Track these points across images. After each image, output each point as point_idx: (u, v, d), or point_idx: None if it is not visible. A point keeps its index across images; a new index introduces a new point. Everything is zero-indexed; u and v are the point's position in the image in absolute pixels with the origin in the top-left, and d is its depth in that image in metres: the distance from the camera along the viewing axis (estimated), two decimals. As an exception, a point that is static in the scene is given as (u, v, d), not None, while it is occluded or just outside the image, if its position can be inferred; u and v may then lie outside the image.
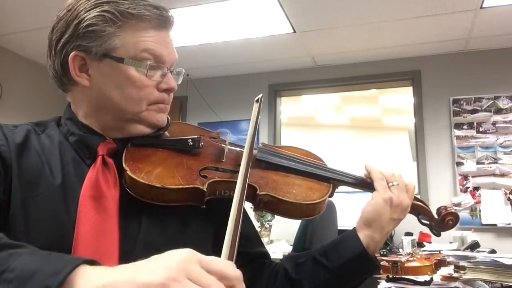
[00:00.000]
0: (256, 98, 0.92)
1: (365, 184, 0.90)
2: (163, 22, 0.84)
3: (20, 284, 0.49)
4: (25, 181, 0.74)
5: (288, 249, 3.12)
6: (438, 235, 0.95)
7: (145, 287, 0.47)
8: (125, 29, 0.80)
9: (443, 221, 0.93)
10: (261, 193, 0.81)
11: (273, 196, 0.81)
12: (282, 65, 4.26)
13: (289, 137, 4.78)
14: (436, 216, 0.94)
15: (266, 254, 0.96)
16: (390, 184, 0.86)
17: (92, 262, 0.52)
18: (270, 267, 0.93)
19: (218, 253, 0.88)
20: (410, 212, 0.90)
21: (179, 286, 0.46)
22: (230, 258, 0.60)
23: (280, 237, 3.72)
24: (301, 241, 2.39)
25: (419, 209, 0.93)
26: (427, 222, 0.94)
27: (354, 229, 0.87)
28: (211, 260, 0.51)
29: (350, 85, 4.33)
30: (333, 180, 0.90)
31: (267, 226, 3.69)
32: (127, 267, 0.51)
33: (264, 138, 4.33)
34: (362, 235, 0.85)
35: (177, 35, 3.69)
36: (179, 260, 0.49)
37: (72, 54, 0.80)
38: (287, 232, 3.44)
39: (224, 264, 0.52)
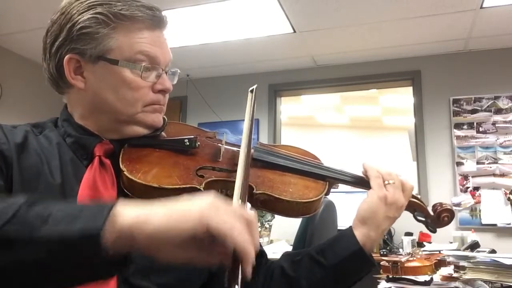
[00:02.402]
0: (251, 89, 0.93)
1: (362, 182, 0.90)
2: (156, 22, 0.84)
3: (69, 222, 0.51)
4: (26, 180, 0.75)
5: (288, 249, 3.12)
6: (434, 231, 0.95)
7: (184, 216, 0.52)
8: (118, 31, 0.81)
9: (438, 218, 0.93)
10: (257, 192, 0.81)
11: (269, 195, 0.81)
12: (282, 65, 4.26)
13: (289, 137, 4.78)
14: (431, 213, 0.94)
15: (263, 253, 0.96)
16: (386, 182, 0.87)
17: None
18: (266, 265, 0.93)
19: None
20: (405, 209, 0.90)
21: (214, 219, 0.51)
22: (242, 198, 0.66)
23: (280, 237, 3.72)
24: (301, 241, 2.38)
25: (414, 206, 0.94)
26: (423, 219, 0.94)
27: (351, 227, 0.88)
28: (233, 205, 0.57)
29: (350, 85, 4.33)
30: (329, 178, 0.90)
31: (267, 226, 3.69)
32: (162, 204, 0.54)
33: (264, 138, 4.33)
34: (358, 233, 0.85)
35: (177, 35, 3.67)
36: (210, 201, 0.54)
37: (66, 57, 0.81)
38: (287, 232, 3.44)
39: (243, 208, 0.58)
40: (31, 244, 0.51)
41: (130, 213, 0.52)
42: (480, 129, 3.74)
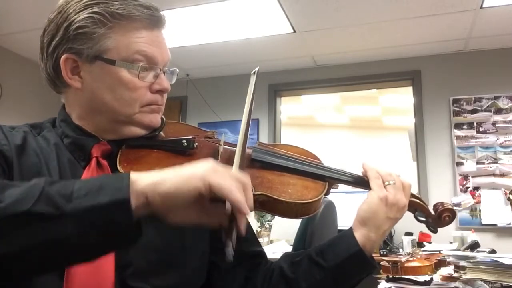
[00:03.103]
0: (253, 71, 0.92)
1: (362, 182, 0.89)
2: (154, 22, 0.83)
3: (94, 196, 0.56)
4: (26, 180, 0.74)
5: (288, 249, 3.12)
6: (434, 231, 0.94)
7: (190, 177, 0.59)
8: (115, 31, 0.80)
9: (439, 218, 0.92)
10: (256, 193, 0.79)
11: (268, 196, 0.80)
12: (282, 65, 4.26)
13: (289, 137, 4.78)
14: (432, 213, 0.93)
15: (262, 254, 0.96)
16: (386, 183, 0.85)
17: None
18: (266, 266, 0.93)
19: (216, 253, 0.88)
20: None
21: (214, 178, 0.59)
22: (241, 166, 0.72)
23: (280, 237, 3.72)
24: (301, 241, 2.38)
25: (415, 206, 0.92)
26: (424, 219, 0.93)
27: (351, 228, 0.86)
28: (229, 168, 0.64)
29: (350, 85, 4.33)
30: (328, 178, 0.89)
31: (267, 226, 3.69)
32: (169, 170, 0.61)
33: (264, 138, 4.33)
34: (358, 234, 0.84)
35: (177, 35, 3.65)
36: (209, 164, 0.61)
37: (63, 56, 0.80)
38: (287, 232, 3.44)
39: (237, 172, 0.66)
40: (61, 219, 0.54)
41: (145, 179, 0.59)
42: (480, 129, 3.74)
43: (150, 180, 0.59)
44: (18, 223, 0.54)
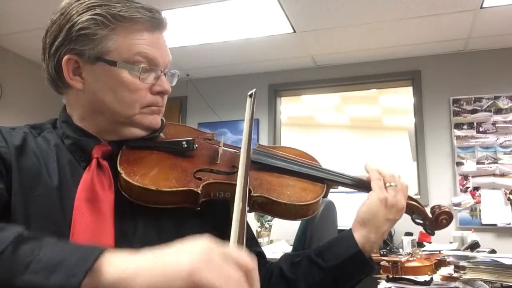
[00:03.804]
0: (250, 93, 0.92)
1: (360, 184, 0.90)
2: (156, 24, 0.84)
3: (48, 274, 0.50)
4: (25, 181, 0.75)
5: (288, 249, 3.12)
6: (432, 234, 0.95)
7: (173, 273, 0.48)
8: (117, 32, 0.80)
9: (436, 220, 0.93)
10: (255, 194, 0.80)
11: (267, 198, 0.81)
12: (282, 65, 4.26)
13: (289, 137, 4.77)
14: (430, 215, 0.94)
15: (261, 254, 0.96)
16: (388, 185, 0.86)
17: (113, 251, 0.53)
18: (265, 266, 0.93)
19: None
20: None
21: (206, 274, 0.47)
22: (239, 239, 0.61)
23: (280, 237, 3.72)
24: (301, 241, 2.38)
25: (413, 209, 0.93)
26: (421, 222, 0.94)
27: (350, 229, 0.87)
28: (229, 249, 0.52)
29: (350, 85, 4.33)
30: (327, 180, 0.90)
31: (267, 226, 3.69)
32: (152, 255, 0.52)
33: (264, 138, 4.33)
34: (358, 235, 0.85)
35: (177, 35, 3.65)
36: (202, 249, 0.50)
37: (65, 57, 0.81)
38: (287, 232, 3.44)
39: (240, 253, 0.52)
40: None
41: (116, 268, 0.50)
42: (480, 129, 3.74)
43: (120, 270, 0.50)
44: None
